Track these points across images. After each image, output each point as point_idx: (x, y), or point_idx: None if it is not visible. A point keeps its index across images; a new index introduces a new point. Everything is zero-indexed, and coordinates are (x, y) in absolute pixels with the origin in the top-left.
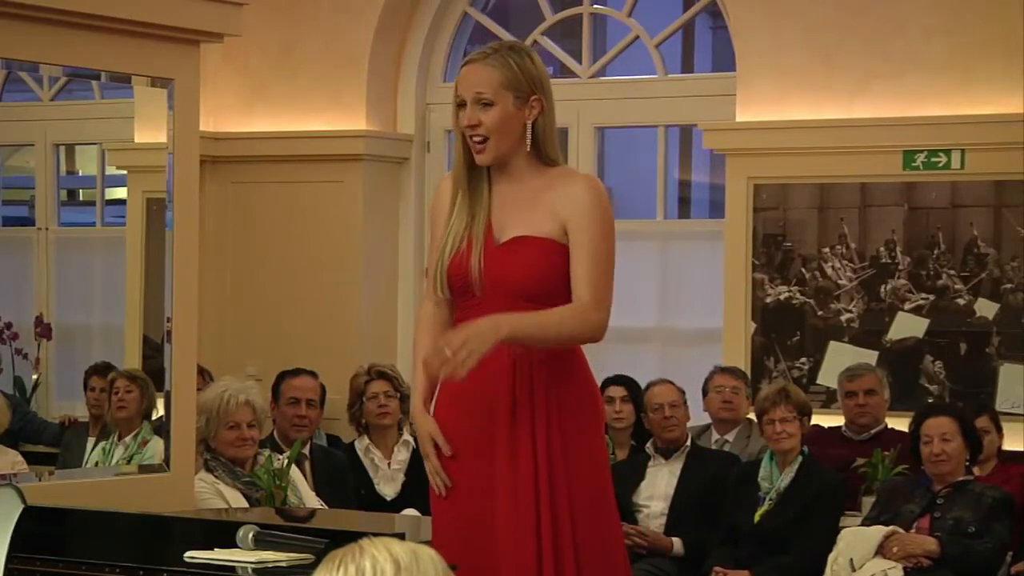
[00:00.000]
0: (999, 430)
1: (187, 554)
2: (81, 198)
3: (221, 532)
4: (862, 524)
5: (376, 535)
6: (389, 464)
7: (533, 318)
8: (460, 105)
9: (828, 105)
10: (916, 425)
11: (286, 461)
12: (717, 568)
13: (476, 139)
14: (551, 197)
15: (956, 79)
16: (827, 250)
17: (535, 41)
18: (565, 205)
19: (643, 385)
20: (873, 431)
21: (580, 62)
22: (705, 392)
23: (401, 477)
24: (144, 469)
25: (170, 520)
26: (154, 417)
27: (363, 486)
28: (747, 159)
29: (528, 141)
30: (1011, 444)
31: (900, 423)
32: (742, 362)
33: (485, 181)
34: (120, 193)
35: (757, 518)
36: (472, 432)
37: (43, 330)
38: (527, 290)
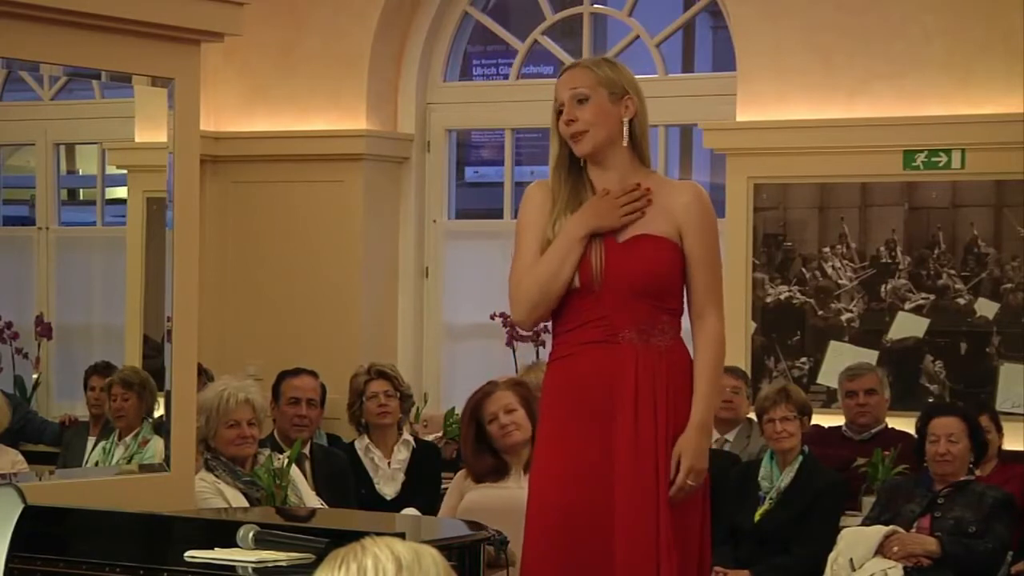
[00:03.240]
0: (999, 430)
1: (187, 554)
2: (81, 198)
3: (221, 532)
4: (862, 524)
5: (377, 535)
6: (389, 464)
7: (706, 388)
8: (559, 112)
9: (828, 105)
10: (924, 422)
11: (286, 461)
12: (717, 568)
13: (575, 134)
14: (662, 198)
15: (956, 79)
16: (827, 250)
17: (535, 41)
18: (679, 210)
19: None
20: (873, 431)
21: None
22: None
23: (401, 476)
24: (144, 469)
25: (170, 520)
26: (155, 417)
27: (363, 486)
28: (747, 159)
29: (626, 138)
30: (1011, 444)
31: (900, 423)
32: (742, 362)
33: (586, 182)
34: (120, 193)
35: (757, 518)
36: (590, 425)
37: (43, 330)
38: (646, 287)
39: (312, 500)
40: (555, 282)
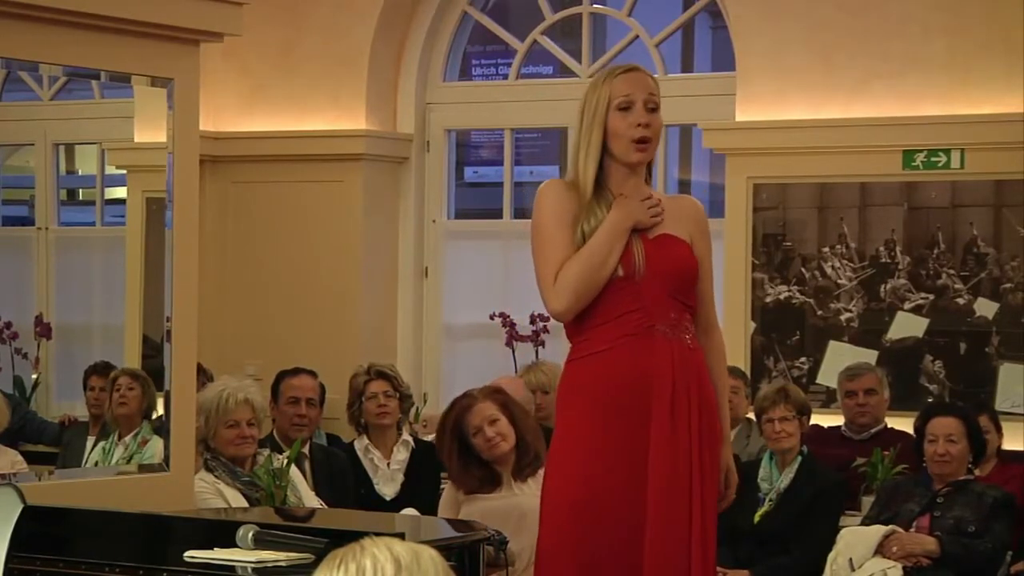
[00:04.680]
0: (999, 430)
1: (187, 554)
2: (81, 198)
3: (221, 532)
4: (862, 524)
5: (376, 535)
6: (388, 464)
7: (724, 402)
8: (623, 108)
9: (828, 105)
10: (922, 422)
11: (286, 461)
12: (717, 568)
13: (643, 139)
14: (674, 207)
15: (956, 79)
16: (827, 250)
17: (535, 41)
18: (689, 218)
19: None
20: (873, 431)
21: (580, 62)
22: None
23: (401, 477)
24: (144, 469)
25: (170, 520)
26: (154, 417)
27: (363, 486)
28: (747, 159)
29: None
30: (1011, 444)
31: (900, 423)
32: (742, 362)
33: (603, 181)
34: (120, 193)
35: (757, 518)
36: (625, 424)
37: (43, 330)
38: (679, 281)
39: (311, 500)
40: (604, 269)
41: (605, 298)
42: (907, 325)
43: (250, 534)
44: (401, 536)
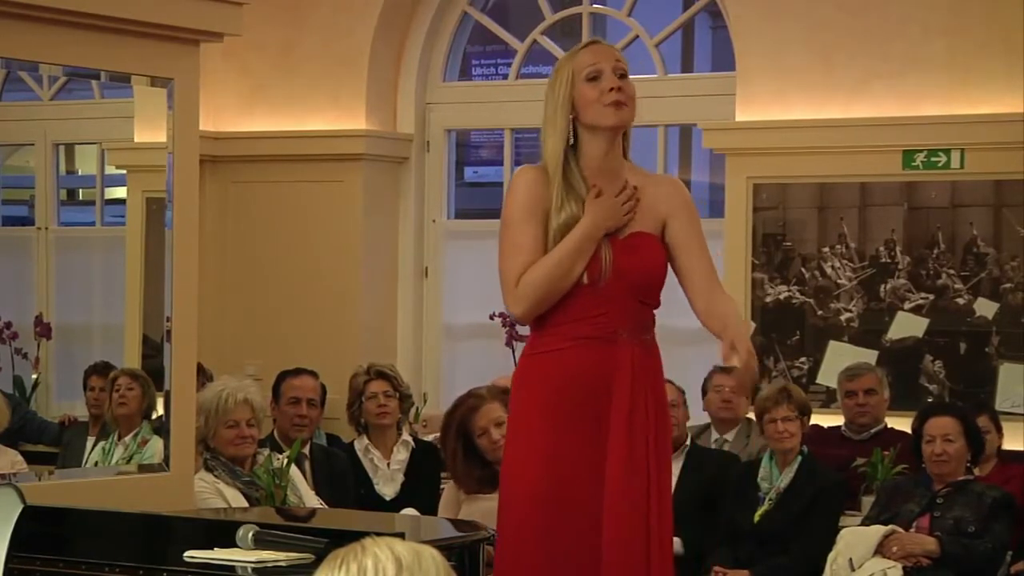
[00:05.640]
0: (999, 430)
1: (187, 554)
2: (81, 198)
3: (221, 532)
4: (862, 524)
5: (377, 535)
6: (388, 464)
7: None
8: (592, 78)
9: (828, 105)
10: (919, 423)
11: (286, 460)
12: (716, 568)
13: (617, 102)
14: (650, 192)
15: (956, 79)
16: (827, 250)
17: (535, 41)
18: (662, 202)
19: None
20: (873, 431)
21: None
22: (704, 392)
23: (400, 477)
24: (144, 469)
25: (170, 520)
26: (154, 417)
27: (362, 486)
28: (747, 159)
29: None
30: (1011, 444)
31: (900, 423)
32: None
33: (574, 169)
34: (120, 193)
35: (757, 518)
36: (582, 424)
37: (43, 330)
38: (647, 282)
39: (312, 500)
40: (567, 279)
41: (567, 301)
42: (907, 325)
43: (250, 534)
44: (401, 536)
